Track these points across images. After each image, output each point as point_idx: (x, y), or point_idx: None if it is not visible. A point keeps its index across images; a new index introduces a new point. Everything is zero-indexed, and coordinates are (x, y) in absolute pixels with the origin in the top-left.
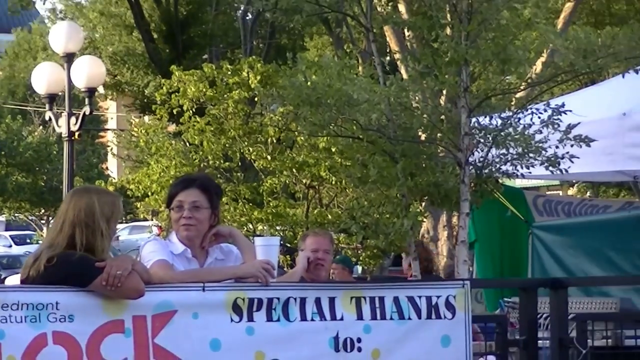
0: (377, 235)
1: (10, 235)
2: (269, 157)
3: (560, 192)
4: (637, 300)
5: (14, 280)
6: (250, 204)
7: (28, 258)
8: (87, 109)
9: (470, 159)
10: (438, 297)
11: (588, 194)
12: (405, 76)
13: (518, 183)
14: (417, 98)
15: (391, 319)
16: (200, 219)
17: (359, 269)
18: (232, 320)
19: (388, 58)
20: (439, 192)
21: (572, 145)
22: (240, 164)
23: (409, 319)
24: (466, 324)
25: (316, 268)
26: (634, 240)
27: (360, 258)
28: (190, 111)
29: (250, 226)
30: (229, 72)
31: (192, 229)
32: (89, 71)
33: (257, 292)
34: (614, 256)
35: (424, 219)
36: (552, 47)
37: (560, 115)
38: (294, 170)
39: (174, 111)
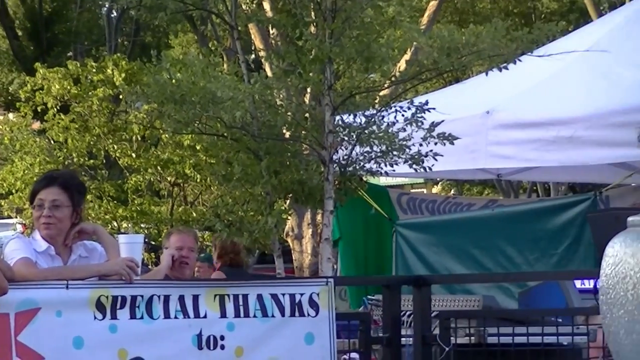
0: (242, 232)
1: None
2: (133, 155)
3: (425, 190)
4: (500, 298)
5: None
6: (115, 202)
7: None
8: None
9: (335, 157)
10: (302, 294)
11: (452, 191)
12: (269, 74)
13: (382, 181)
14: (281, 96)
15: (254, 316)
16: (60, 218)
17: None
18: (95, 318)
19: (253, 56)
20: (303, 190)
21: (435, 143)
22: (104, 161)
23: (273, 316)
24: (330, 321)
25: (180, 266)
26: (497, 238)
27: None
28: (55, 109)
29: (115, 224)
30: (94, 70)
31: (52, 228)
32: None
33: (120, 289)
34: (477, 254)
35: (288, 217)
36: (416, 45)
37: (424, 113)
38: (158, 168)
39: (39, 108)
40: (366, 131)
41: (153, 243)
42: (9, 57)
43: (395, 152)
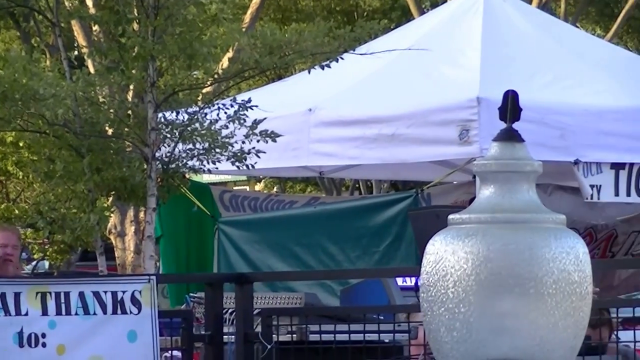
0: (64, 230)
1: None
2: None
3: (247, 188)
4: (322, 295)
5: None
6: None
7: None
8: None
9: (157, 154)
10: (124, 292)
11: (275, 189)
12: (92, 71)
13: (205, 178)
14: (104, 93)
15: (76, 314)
16: None
17: (46, 264)
18: None
19: (76, 52)
20: (125, 187)
21: (258, 141)
22: None
23: (95, 314)
24: (153, 319)
25: (5, 263)
26: (319, 235)
27: (47, 253)
28: None
29: None
30: None
31: None
32: None
33: None
34: (300, 251)
35: (111, 214)
36: (239, 44)
37: (247, 110)
38: None
39: None
40: (189, 128)
41: None
42: None
43: (217, 150)
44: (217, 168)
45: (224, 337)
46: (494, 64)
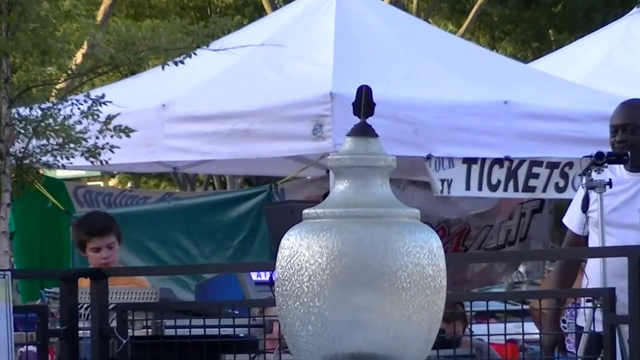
0: None
1: None
2: None
3: (102, 183)
4: (177, 290)
5: None
6: None
7: None
8: None
9: (12, 150)
10: None
11: (129, 184)
12: None
13: (59, 174)
14: None
15: None
16: None
17: None
18: None
19: None
20: None
21: (112, 136)
22: None
23: None
24: (7, 314)
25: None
26: (174, 230)
27: None
28: None
29: None
30: None
31: None
32: None
33: None
34: (154, 246)
35: None
36: (93, 39)
37: (101, 106)
38: None
39: None
40: (42, 124)
41: None
42: None
43: (71, 145)
44: (71, 163)
45: (80, 332)
46: (347, 59)
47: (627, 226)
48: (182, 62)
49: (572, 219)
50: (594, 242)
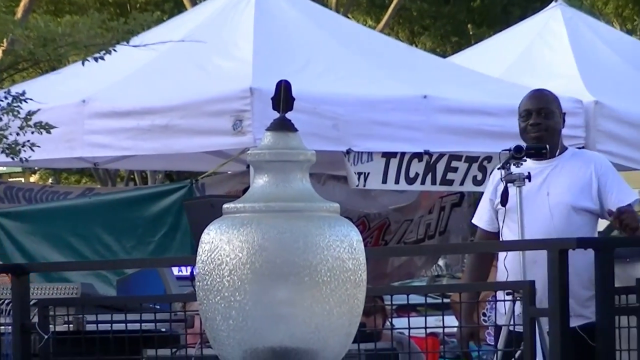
0: None
1: None
2: None
3: (23, 179)
4: (98, 286)
5: None
6: None
7: None
8: None
9: None
10: None
11: (50, 180)
12: None
13: None
14: None
15: None
16: None
17: None
18: None
19: None
20: None
21: (32, 132)
22: None
23: None
24: None
25: None
26: (95, 226)
27: None
28: None
29: None
30: None
31: None
32: None
33: None
34: (75, 242)
35: None
36: (13, 35)
37: (21, 102)
38: None
39: None
40: None
41: None
42: None
43: None
44: None
45: (1, 327)
46: (267, 55)
47: (536, 212)
48: (102, 58)
49: (481, 217)
50: (507, 236)
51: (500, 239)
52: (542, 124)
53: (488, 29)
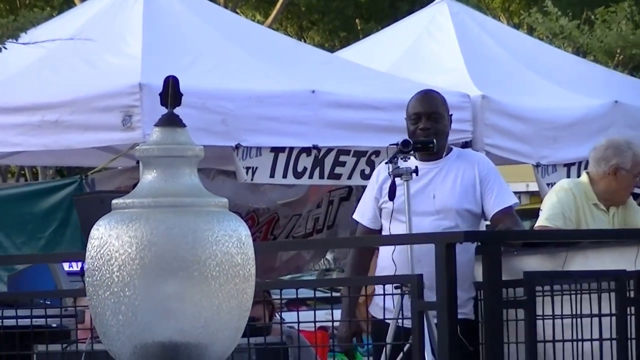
0: None
1: None
2: None
3: None
4: None
5: None
6: None
7: None
8: None
9: None
10: None
11: None
12: None
13: None
14: None
15: None
16: None
17: None
18: None
19: None
20: None
21: None
22: None
23: None
24: None
25: None
26: None
27: None
28: None
29: None
30: None
31: None
32: None
33: None
34: None
35: None
36: None
37: None
38: None
39: None
40: None
41: None
42: None
43: None
44: None
45: None
46: (156, 50)
47: (422, 213)
48: None
49: (363, 214)
50: (392, 231)
51: None
52: (431, 129)
53: (376, 23)
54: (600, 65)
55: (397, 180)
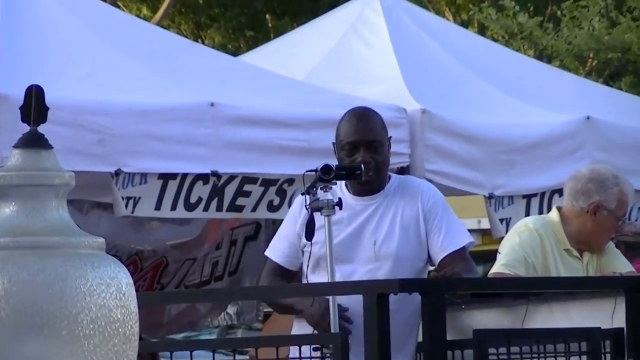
0: None
1: None
2: None
3: None
4: None
5: None
6: None
7: None
8: None
9: None
10: None
11: None
12: None
13: None
14: None
15: None
16: None
17: None
18: None
19: None
20: None
21: None
22: None
23: None
24: None
25: None
26: None
27: None
28: None
29: None
30: None
31: None
32: None
33: None
34: None
35: None
36: None
37: None
38: None
39: None
40: None
41: None
42: None
43: None
44: None
45: None
46: (16, 54)
47: (357, 261)
48: None
49: (277, 249)
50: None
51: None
52: (371, 163)
53: (291, 20)
54: (568, 72)
55: (317, 215)
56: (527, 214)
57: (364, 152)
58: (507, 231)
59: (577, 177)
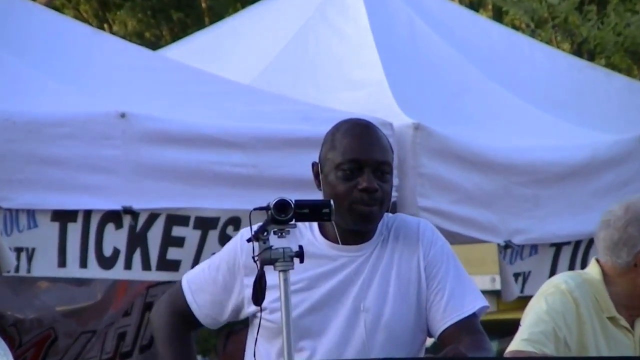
0: None
1: None
2: None
3: None
4: None
5: None
6: None
7: None
8: None
9: None
10: None
11: None
12: None
13: None
14: None
15: None
16: None
17: None
18: None
19: None
20: None
21: None
22: None
23: None
24: None
25: None
26: None
27: None
28: None
29: None
30: None
31: None
32: None
33: None
34: None
35: None
36: None
37: None
38: None
39: None
40: None
41: None
42: None
43: None
44: None
45: None
46: None
47: (333, 335)
48: None
49: (197, 294)
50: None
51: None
52: (378, 192)
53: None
54: (616, 74)
55: (269, 269)
56: (555, 269)
57: (369, 176)
58: (522, 291)
59: (611, 221)
